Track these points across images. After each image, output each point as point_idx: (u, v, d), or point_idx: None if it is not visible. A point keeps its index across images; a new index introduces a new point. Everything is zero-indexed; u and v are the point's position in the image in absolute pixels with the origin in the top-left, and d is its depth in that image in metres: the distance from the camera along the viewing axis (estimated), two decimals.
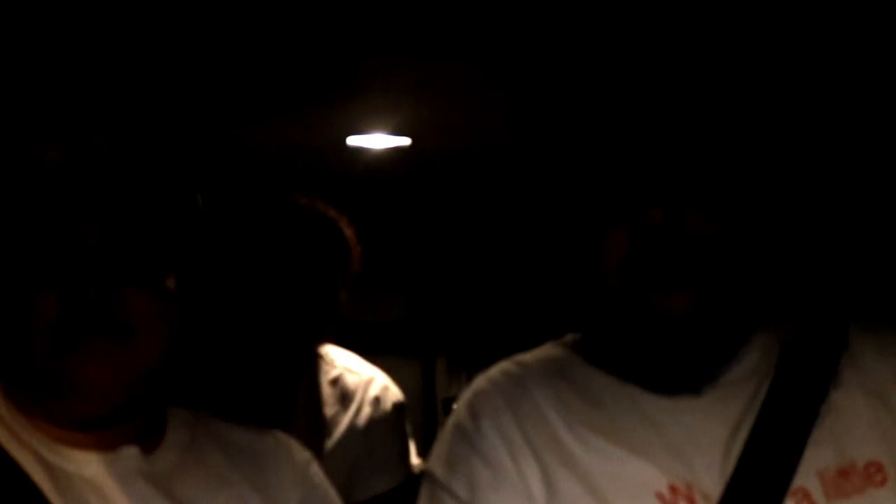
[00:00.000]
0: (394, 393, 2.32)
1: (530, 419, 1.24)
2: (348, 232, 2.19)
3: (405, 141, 4.57)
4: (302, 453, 1.35)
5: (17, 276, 1.14)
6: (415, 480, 2.25)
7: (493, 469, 1.22)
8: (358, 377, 2.29)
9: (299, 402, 2.18)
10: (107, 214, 1.15)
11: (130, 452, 1.19)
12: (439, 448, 1.28)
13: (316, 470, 1.35)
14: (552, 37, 3.12)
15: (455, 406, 1.33)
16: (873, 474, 1.17)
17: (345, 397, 2.24)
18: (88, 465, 1.17)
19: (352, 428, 2.21)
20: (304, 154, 4.63)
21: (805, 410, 1.20)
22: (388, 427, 2.26)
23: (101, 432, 1.18)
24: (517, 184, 4.96)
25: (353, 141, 4.54)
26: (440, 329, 6.04)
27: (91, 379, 1.13)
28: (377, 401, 2.27)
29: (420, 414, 5.62)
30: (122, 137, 1.21)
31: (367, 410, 2.24)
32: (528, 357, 1.32)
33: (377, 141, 4.55)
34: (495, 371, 1.31)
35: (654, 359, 1.21)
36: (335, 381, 2.26)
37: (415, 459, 2.40)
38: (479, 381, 1.31)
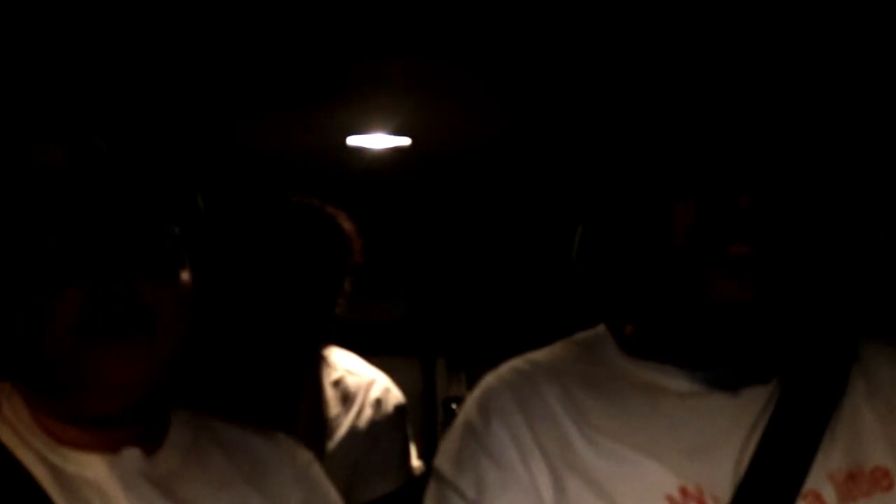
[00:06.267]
0: (395, 395, 2.32)
1: (540, 419, 1.23)
2: (347, 226, 2.18)
3: (405, 141, 4.57)
4: (303, 454, 1.35)
5: (35, 274, 1.13)
6: (416, 483, 2.25)
7: (502, 469, 1.21)
8: (359, 379, 2.29)
9: (301, 404, 2.18)
10: (121, 211, 1.15)
11: (132, 454, 1.19)
12: (448, 445, 1.28)
13: (317, 471, 1.34)
14: (554, 34, 3.12)
15: (461, 405, 1.32)
16: (880, 479, 1.18)
17: (346, 399, 2.24)
18: (91, 467, 1.17)
19: (353, 430, 2.21)
20: (304, 154, 4.63)
21: (816, 415, 1.20)
22: (389, 429, 2.26)
23: (104, 433, 1.18)
24: (517, 184, 4.96)
25: (353, 141, 4.54)
26: (440, 329, 6.04)
27: (115, 373, 1.13)
28: (378, 403, 2.27)
29: (420, 414, 5.61)
30: (122, 137, 1.21)
31: (368, 412, 2.24)
32: (539, 355, 1.32)
33: (377, 141, 4.55)
34: (506, 369, 1.30)
35: (708, 343, 1.20)
36: (337, 383, 2.26)
37: (416, 461, 2.40)
38: (490, 379, 1.30)
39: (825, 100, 1.25)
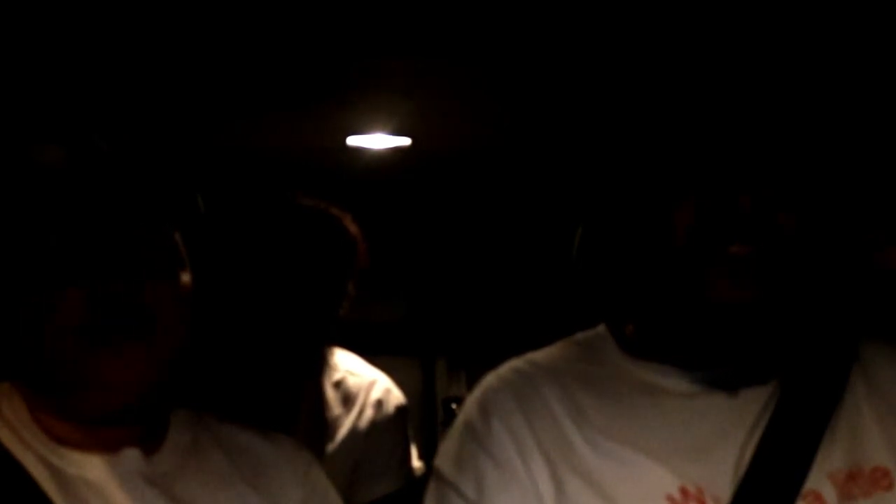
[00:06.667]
0: (396, 396, 2.32)
1: (541, 420, 1.23)
2: (353, 229, 2.18)
3: (405, 141, 4.57)
4: (303, 455, 1.35)
5: (35, 274, 1.14)
6: (416, 484, 2.25)
7: (502, 469, 1.21)
8: (360, 380, 2.29)
9: (302, 404, 2.18)
10: (122, 211, 1.15)
11: (132, 454, 1.19)
12: (448, 445, 1.28)
13: (317, 471, 1.34)
14: (554, 34, 3.11)
15: (461, 405, 1.32)
16: (879, 479, 1.18)
17: (347, 400, 2.24)
18: (90, 468, 1.17)
19: (354, 430, 2.21)
20: (304, 154, 4.63)
21: (816, 415, 1.20)
22: (390, 430, 2.26)
23: (104, 433, 1.18)
24: (517, 184, 4.96)
25: (353, 141, 4.54)
26: (440, 329, 6.04)
27: (114, 373, 1.13)
28: (379, 404, 2.27)
29: (420, 414, 5.61)
30: (122, 137, 1.21)
31: (369, 413, 2.24)
32: (540, 355, 1.32)
33: (377, 141, 4.55)
34: (507, 369, 1.30)
35: (708, 343, 1.20)
36: (338, 384, 2.26)
37: (416, 462, 2.40)
38: (490, 379, 1.30)
39: (825, 100, 1.25)
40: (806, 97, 1.23)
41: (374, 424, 2.24)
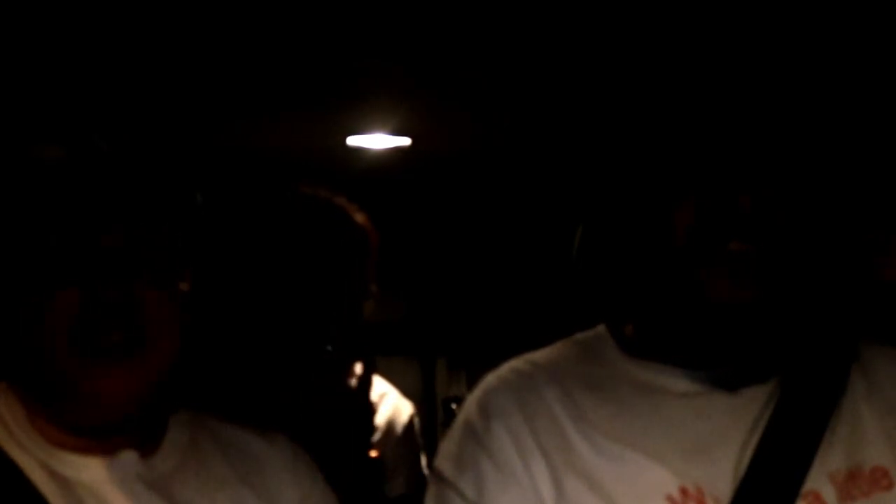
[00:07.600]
0: (407, 407, 2.32)
1: (541, 420, 1.23)
2: (360, 218, 2.12)
3: (405, 141, 4.57)
4: (301, 455, 1.34)
5: (33, 277, 1.13)
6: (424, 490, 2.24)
7: (502, 469, 1.21)
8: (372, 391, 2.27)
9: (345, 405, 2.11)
10: (120, 215, 1.15)
11: (129, 457, 1.18)
12: (448, 446, 1.28)
13: (316, 472, 1.34)
14: (554, 35, 3.12)
15: (461, 405, 1.32)
16: (879, 479, 1.18)
17: None
18: (88, 471, 1.17)
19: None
20: (304, 154, 4.63)
21: (816, 415, 1.21)
22: (401, 440, 2.26)
23: (100, 437, 1.18)
24: (517, 184, 4.96)
25: (353, 141, 4.55)
26: (440, 329, 6.04)
27: (107, 388, 1.12)
28: (391, 414, 2.26)
29: (420, 414, 5.61)
30: (122, 137, 1.21)
31: (380, 425, 2.23)
32: (539, 356, 1.31)
33: (377, 141, 4.55)
34: (506, 369, 1.30)
35: (708, 343, 1.20)
36: None
37: (426, 471, 2.39)
38: (490, 380, 1.30)
39: (825, 100, 1.25)
40: (806, 97, 1.23)
41: (386, 435, 2.23)
